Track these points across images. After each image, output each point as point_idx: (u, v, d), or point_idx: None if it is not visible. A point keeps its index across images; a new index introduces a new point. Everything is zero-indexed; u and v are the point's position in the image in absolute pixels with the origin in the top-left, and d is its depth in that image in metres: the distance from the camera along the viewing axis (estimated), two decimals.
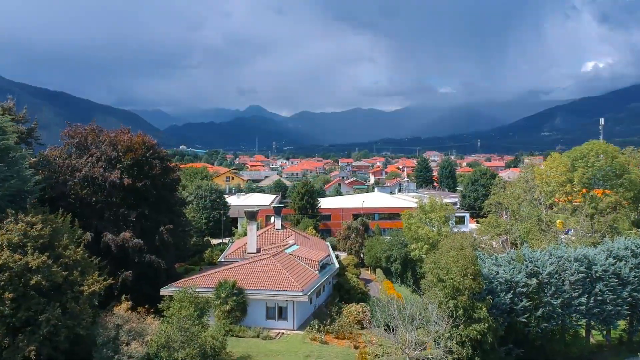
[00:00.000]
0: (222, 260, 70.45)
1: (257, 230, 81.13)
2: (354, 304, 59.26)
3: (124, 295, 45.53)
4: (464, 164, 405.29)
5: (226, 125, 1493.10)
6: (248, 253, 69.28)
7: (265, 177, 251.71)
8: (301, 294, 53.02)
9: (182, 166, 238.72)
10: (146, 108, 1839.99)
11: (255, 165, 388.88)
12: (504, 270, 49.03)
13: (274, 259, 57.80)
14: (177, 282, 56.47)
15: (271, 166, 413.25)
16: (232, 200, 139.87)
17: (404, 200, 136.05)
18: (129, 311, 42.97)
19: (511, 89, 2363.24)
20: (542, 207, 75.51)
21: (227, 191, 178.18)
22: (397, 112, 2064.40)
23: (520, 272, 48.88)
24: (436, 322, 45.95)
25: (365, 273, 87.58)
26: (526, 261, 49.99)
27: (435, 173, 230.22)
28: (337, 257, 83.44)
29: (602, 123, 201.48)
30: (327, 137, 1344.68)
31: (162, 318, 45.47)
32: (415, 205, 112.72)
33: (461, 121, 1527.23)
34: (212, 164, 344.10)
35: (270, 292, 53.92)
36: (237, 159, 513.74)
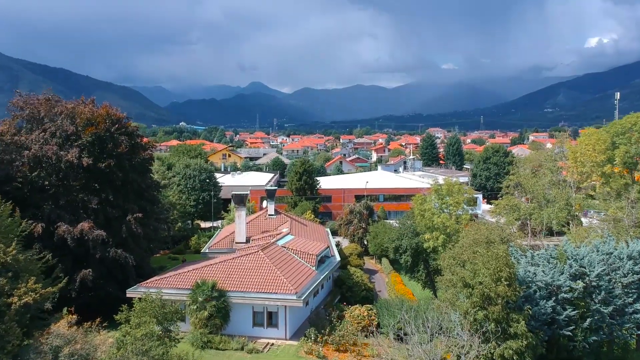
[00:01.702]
0: (207, 251, 61.45)
1: (248, 215, 72.58)
2: (357, 306, 50.19)
3: (66, 308, 36.27)
4: (468, 140, 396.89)
5: (227, 102, 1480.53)
6: (236, 243, 60.49)
7: (264, 154, 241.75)
8: (294, 297, 43.89)
9: (179, 143, 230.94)
10: (147, 85, 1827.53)
11: (255, 142, 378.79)
12: (542, 271, 39.75)
13: (262, 254, 48.52)
14: (148, 281, 47.49)
15: (271, 143, 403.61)
16: (227, 179, 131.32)
17: (411, 179, 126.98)
18: (74, 327, 33.68)
19: (513, 65, 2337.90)
20: (572, 190, 66.34)
21: (222, 169, 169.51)
22: (398, 88, 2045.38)
23: (562, 274, 39.62)
24: (459, 335, 37.20)
25: (370, 263, 78.70)
26: (569, 259, 40.67)
27: (440, 150, 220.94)
28: (337, 244, 74.73)
29: (618, 97, 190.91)
30: (328, 114, 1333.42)
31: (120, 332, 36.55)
32: (425, 185, 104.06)
33: (463, 98, 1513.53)
34: (212, 141, 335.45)
35: (258, 296, 44.76)
36: (238, 135, 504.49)
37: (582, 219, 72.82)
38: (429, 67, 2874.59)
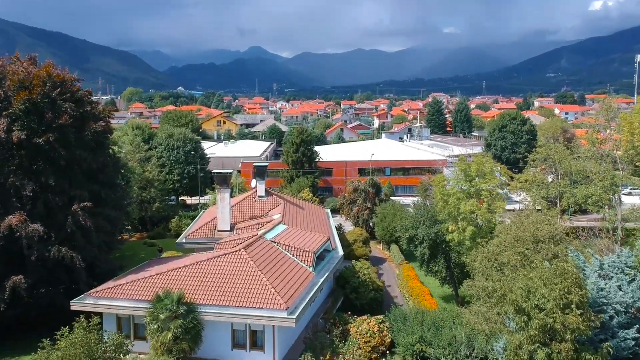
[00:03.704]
0: (183, 241, 51.10)
1: (236, 195, 62.76)
2: (365, 317, 40.12)
3: None
4: (472, 105, 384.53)
5: (227, 67, 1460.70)
6: (218, 231, 50.28)
7: (261, 120, 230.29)
8: (285, 314, 33.59)
9: (175, 108, 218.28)
10: (145, 49, 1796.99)
11: (254, 108, 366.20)
12: (618, 286, 29.40)
13: (245, 254, 38.06)
14: (98, 289, 37.04)
15: (270, 109, 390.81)
16: (218, 149, 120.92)
17: (419, 150, 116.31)
18: None
19: (516, 28, 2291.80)
20: (619, 166, 56.07)
21: (215, 138, 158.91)
22: (400, 52, 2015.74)
23: None
24: None
25: (377, 249, 68.59)
26: None
27: (447, 116, 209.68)
28: (339, 227, 64.67)
29: (638, 60, 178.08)
30: (328, 79, 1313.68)
31: None
32: (438, 157, 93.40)
33: (465, 62, 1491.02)
34: (209, 107, 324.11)
35: (238, 312, 34.42)
36: (236, 101, 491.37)
37: (623, 197, 62.61)
38: (430, 31, 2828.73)
